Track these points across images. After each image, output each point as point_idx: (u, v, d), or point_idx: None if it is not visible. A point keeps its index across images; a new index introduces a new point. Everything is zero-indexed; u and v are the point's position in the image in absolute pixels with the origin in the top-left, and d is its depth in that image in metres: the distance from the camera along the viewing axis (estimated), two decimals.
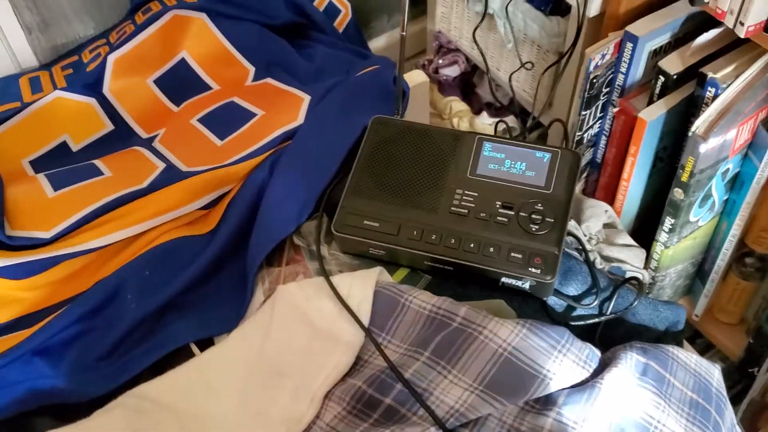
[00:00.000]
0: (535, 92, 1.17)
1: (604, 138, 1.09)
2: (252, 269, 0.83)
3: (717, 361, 0.75)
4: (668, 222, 0.96)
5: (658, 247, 1.01)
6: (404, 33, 0.80)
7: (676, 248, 1.00)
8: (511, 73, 1.22)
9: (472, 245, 0.77)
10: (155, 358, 0.79)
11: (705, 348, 1.22)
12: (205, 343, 0.82)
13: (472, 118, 1.38)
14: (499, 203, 0.79)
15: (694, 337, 1.18)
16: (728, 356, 1.12)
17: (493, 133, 1.30)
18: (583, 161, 1.13)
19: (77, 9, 1.15)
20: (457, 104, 1.41)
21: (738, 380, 1.11)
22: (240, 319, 0.82)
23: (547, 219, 0.77)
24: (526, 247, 0.76)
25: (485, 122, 1.35)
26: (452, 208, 0.79)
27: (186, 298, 0.84)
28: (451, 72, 1.42)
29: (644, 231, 1.07)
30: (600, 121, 1.08)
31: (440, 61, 1.42)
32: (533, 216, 0.78)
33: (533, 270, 0.74)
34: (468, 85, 1.44)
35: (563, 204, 0.78)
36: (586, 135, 1.08)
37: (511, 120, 1.31)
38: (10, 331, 0.81)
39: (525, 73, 1.23)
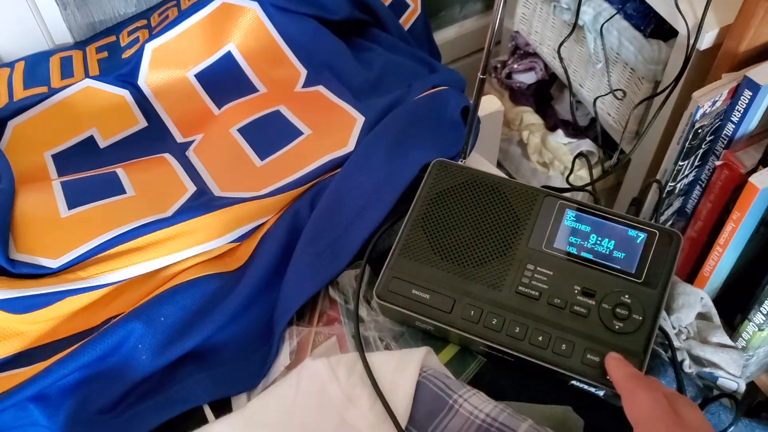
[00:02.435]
0: (625, 124, 1.02)
1: (699, 188, 0.94)
2: (279, 325, 0.73)
3: None
4: None
5: (749, 327, 0.87)
6: (484, 76, 0.66)
7: None
8: (597, 97, 1.07)
9: (540, 338, 0.64)
10: (164, 419, 0.69)
11: None
12: (219, 401, 0.72)
13: (545, 134, 1.24)
14: (578, 288, 0.66)
15: None
16: None
17: (570, 156, 1.16)
18: (671, 210, 0.98)
19: None
20: (529, 116, 1.26)
21: None
22: (261, 379, 0.72)
23: (635, 315, 0.64)
24: (605, 347, 0.63)
25: (560, 141, 1.20)
26: (520, 288, 0.67)
27: (204, 348, 0.74)
28: (527, 79, 1.27)
29: (729, 299, 0.94)
30: (697, 169, 0.93)
31: (515, 66, 1.27)
32: (618, 310, 0.65)
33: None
34: (544, 95, 1.29)
35: (656, 299, 0.65)
36: (679, 184, 0.93)
37: (587, 144, 1.17)
38: (9, 368, 0.72)
39: (612, 97, 1.07)
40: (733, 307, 0.93)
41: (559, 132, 1.21)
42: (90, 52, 1.03)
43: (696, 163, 0.92)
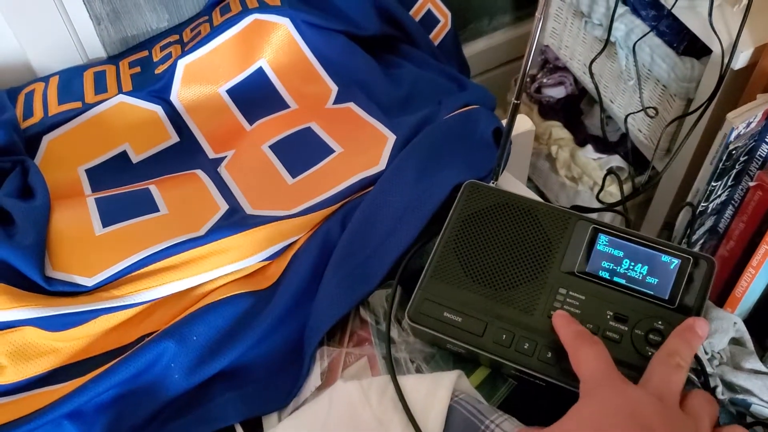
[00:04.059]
0: (657, 141, 1.01)
1: (731, 208, 0.93)
2: (310, 345, 0.73)
3: None
4: None
5: None
6: (518, 102, 0.66)
7: None
8: (628, 114, 1.06)
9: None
10: None
11: None
12: (251, 421, 0.72)
13: (574, 149, 1.23)
14: (611, 314, 0.66)
15: None
16: None
17: (600, 172, 1.16)
18: (702, 229, 0.97)
19: None
20: (558, 130, 1.26)
21: None
22: (292, 398, 0.73)
23: None
24: (638, 373, 0.63)
25: (589, 156, 1.20)
26: (552, 312, 0.67)
27: (235, 367, 0.74)
28: (556, 93, 1.27)
29: (761, 320, 0.93)
30: (730, 189, 0.92)
31: (545, 80, 1.27)
32: (650, 336, 0.64)
33: None
34: (573, 110, 1.28)
35: None
36: (711, 204, 0.93)
37: (617, 160, 1.16)
38: (44, 384, 0.73)
39: (643, 114, 1.07)
40: (765, 328, 0.92)
41: (589, 147, 1.20)
42: (123, 67, 1.05)
43: (729, 184, 0.91)
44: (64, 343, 0.74)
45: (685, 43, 0.95)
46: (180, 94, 0.99)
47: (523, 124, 0.87)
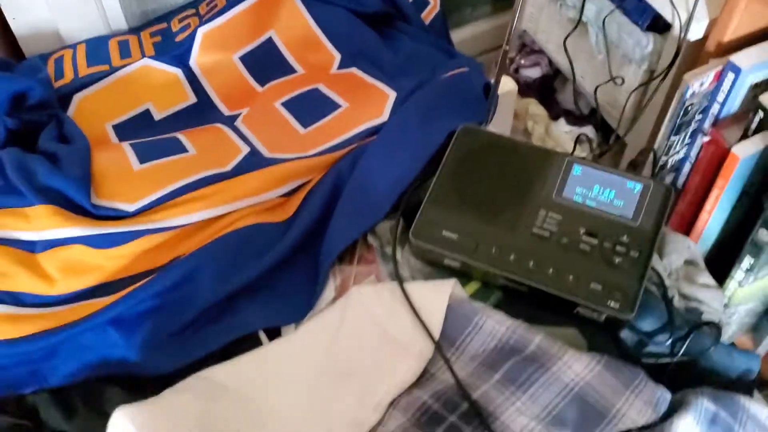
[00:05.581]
0: (622, 109, 1.14)
1: (688, 165, 1.06)
2: (325, 263, 0.84)
3: None
4: (747, 261, 0.94)
5: (732, 285, 0.99)
6: (507, 47, 0.78)
7: (751, 287, 0.98)
8: (598, 86, 1.19)
9: (550, 270, 0.76)
10: (225, 341, 0.80)
11: (760, 386, 1.19)
12: (272, 331, 0.83)
13: (548, 124, 1.35)
14: (583, 230, 0.78)
15: None
16: None
17: (571, 142, 1.28)
18: None
19: None
20: (534, 107, 1.38)
21: None
22: (309, 310, 0.83)
23: (632, 253, 0.76)
24: (607, 279, 0.75)
25: (562, 129, 1.32)
26: (534, 230, 0.78)
27: (258, 284, 0.84)
28: (533, 73, 1.39)
29: (718, 264, 1.05)
30: (687, 147, 1.05)
31: (522, 61, 1.40)
32: (617, 248, 0.76)
33: (612, 303, 0.73)
34: (548, 88, 1.41)
35: (650, 239, 0.76)
36: (670, 160, 1.05)
37: (589, 131, 1.29)
38: (90, 297, 0.83)
39: (611, 86, 1.20)
40: (720, 273, 1.04)
41: (562, 121, 1.33)
42: (144, 37, 1.15)
43: (686, 141, 1.04)
44: (108, 261, 0.83)
45: (649, 21, 1.09)
46: (198, 59, 1.09)
47: (507, 84, 0.99)
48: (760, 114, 0.92)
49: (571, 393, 0.67)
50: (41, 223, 0.82)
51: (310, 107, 1.00)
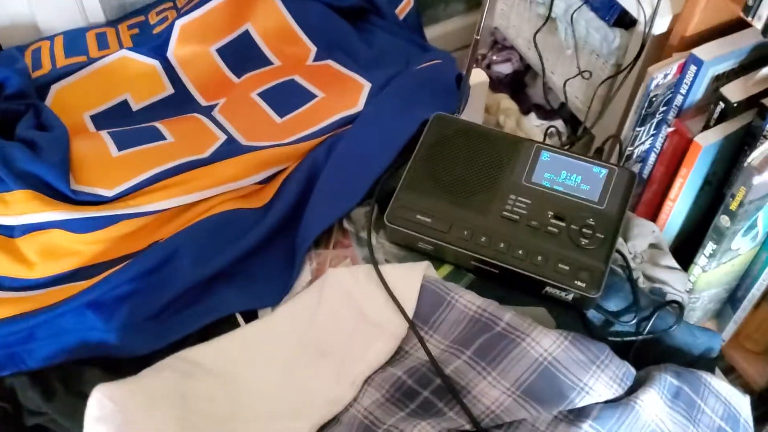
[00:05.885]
0: (590, 102, 1.18)
1: (653, 155, 1.09)
2: (301, 248, 0.86)
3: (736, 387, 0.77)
4: (710, 247, 0.98)
5: (695, 270, 1.02)
6: (478, 37, 0.81)
7: (713, 273, 1.02)
8: (567, 80, 1.22)
9: (520, 251, 0.78)
10: (202, 324, 0.82)
11: (725, 372, 1.23)
12: (249, 315, 0.84)
13: (519, 118, 1.39)
14: (551, 213, 0.81)
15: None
16: (749, 383, 1.14)
17: (542, 136, 1.32)
18: None
19: None
20: (505, 101, 1.42)
21: (758, 409, 1.12)
22: (285, 294, 0.85)
23: (597, 234, 0.79)
24: (574, 259, 0.78)
25: (533, 123, 1.36)
26: (504, 213, 0.81)
27: (235, 269, 0.86)
28: (504, 69, 1.43)
29: (683, 251, 1.09)
30: (652, 137, 1.09)
31: (494, 57, 1.43)
32: (584, 230, 0.79)
33: (579, 283, 0.76)
34: (518, 84, 1.45)
35: (614, 221, 0.79)
36: (636, 150, 1.09)
37: (559, 125, 1.32)
38: (68, 281, 0.84)
39: (580, 80, 1.23)
40: (686, 260, 1.08)
41: (533, 115, 1.36)
42: (122, 29, 1.16)
43: (651, 132, 1.08)
44: (86, 246, 0.85)
45: (616, 16, 1.12)
46: (175, 51, 1.10)
47: (479, 75, 1.02)
48: (721, 105, 0.96)
49: (540, 367, 0.69)
50: (20, 207, 0.83)
51: (286, 97, 1.02)
